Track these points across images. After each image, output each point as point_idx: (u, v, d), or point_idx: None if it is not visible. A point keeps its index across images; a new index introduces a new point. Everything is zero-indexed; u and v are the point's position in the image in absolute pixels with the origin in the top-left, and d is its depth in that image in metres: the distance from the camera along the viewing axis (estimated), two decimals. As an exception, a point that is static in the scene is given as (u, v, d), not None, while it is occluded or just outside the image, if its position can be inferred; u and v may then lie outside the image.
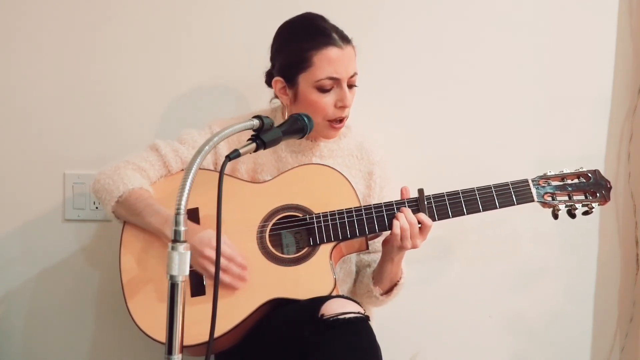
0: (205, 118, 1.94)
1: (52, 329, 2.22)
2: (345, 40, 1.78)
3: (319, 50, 1.74)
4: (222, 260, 1.66)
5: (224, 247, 1.67)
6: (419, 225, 1.72)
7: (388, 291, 1.86)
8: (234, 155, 1.45)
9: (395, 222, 1.71)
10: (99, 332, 2.22)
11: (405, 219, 1.71)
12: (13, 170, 2.19)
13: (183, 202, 1.28)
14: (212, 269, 1.66)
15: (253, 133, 1.51)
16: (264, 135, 1.51)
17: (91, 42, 2.17)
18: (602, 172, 1.78)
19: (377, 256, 1.88)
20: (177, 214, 1.27)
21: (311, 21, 1.80)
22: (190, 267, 1.69)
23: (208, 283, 1.71)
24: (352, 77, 1.79)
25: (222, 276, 1.67)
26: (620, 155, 2.18)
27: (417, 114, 2.16)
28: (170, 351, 1.28)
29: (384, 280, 1.84)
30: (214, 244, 1.65)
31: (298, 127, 1.65)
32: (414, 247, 1.73)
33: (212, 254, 1.66)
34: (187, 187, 1.29)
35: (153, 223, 1.73)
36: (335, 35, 1.76)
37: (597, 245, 2.20)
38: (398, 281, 1.86)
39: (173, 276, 1.27)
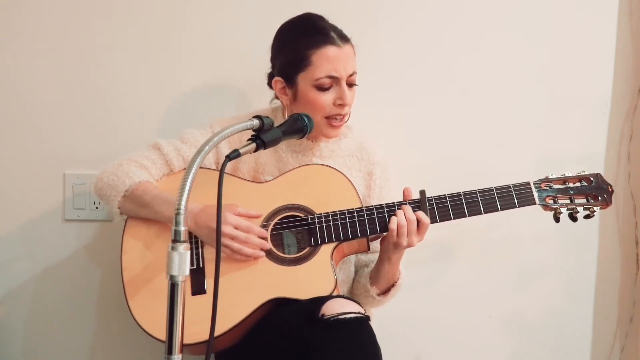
0: (205, 118, 1.94)
1: (53, 328, 2.22)
2: (344, 39, 1.78)
3: (317, 49, 1.74)
4: (240, 233, 1.68)
5: (238, 220, 1.70)
6: (417, 222, 1.72)
7: (385, 292, 1.86)
8: (234, 155, 1.45)
9: (392, 217, 1.72)
10: (100, 332, 2.22)
11: (403, 216, 1.71)
12: (13, 170, 2.19)
13: (183, 202, 1.28)
14: (233, 244, 1.68)
15: (253, 133, 1.51)
16: (264, 135, 1.51)
17: (91, 41, 2.17)
18: (602, 172, 1.78)
19: (375, 256, 1.89)
20: (177, 214, 1.28)
21: (310, 21, 1.81)
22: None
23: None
24: (351, 75, 1.79)
25: (244, 249, 1.69)
26: (620, 155, 2.18)
27: (418, 114, 2.16)
28: (170, 351, 1.28)
29: (381, 280, 1.83)
30: (229, 219, 1.68)
31: (298, 127, 1.65)
32: (409, 245, 1.73)
33: (230, 230, 1.68)
34: (187, 187, 1.29)
35: (163, 212, 1.73)
36: (333, 34, 1.76)
37: (597, 245, 2.20)
38: (395, 282, 1.85)
39: (173, 276, 1.27)
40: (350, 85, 1.80)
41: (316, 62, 1.75)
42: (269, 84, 1.88)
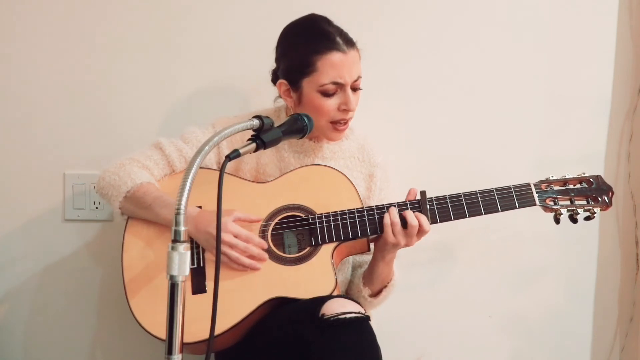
0: (206, 118, 1.94)
1: (53, 328, 2.22)
2: (350, 44, 1.77)
3: (322, 55, 1.74)
4: (240, 242, 1.68)
5: (239, 229, 1.69)
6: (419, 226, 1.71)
7: (377, 293, 1.85)
8: (234, 155, 1.45)
9: (385, 215, 1.72)
10: (100, 331, 2.22)
11: (395, 214, 1.71)
12: (13, 170, 2.18)
13: (183, 202, 1.28)
14: (231, 252, 1.68)
15: (253, 133, 1.51)
16: (264, 135, 1.51)
17: (91, 41, 2.16)
18: (602, 172, 1.79)
19: (369, 257, 1.88)
20: (177, 214, 1.28)
21: (315, 24, 1.79)
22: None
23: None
24: (356, 80, 1.78)
25: (242, 258, 1.68)
26: (620, 155, 2.18)
27: (418, 115, 2.16)
28: (170, 351, 1.28)
29: (374, 280, 1.83)
30: (230, 227, 1.68)
31: (298, 127, 1.65)
32: (407, 244, 1.73)
33: (230, 238, 1.68)
34: (187, 188, 1.29)
35: (164, 214, 1.72)
36: (339, 40, 1.75)
37: (597, 245, 2.20)
38: (388, 283, 1.85)
39: (173, 276, 1.27)
40: (355, 89, 1.80)
41: (321, 68, 1.74)
42: (273, 81, 1.87)
